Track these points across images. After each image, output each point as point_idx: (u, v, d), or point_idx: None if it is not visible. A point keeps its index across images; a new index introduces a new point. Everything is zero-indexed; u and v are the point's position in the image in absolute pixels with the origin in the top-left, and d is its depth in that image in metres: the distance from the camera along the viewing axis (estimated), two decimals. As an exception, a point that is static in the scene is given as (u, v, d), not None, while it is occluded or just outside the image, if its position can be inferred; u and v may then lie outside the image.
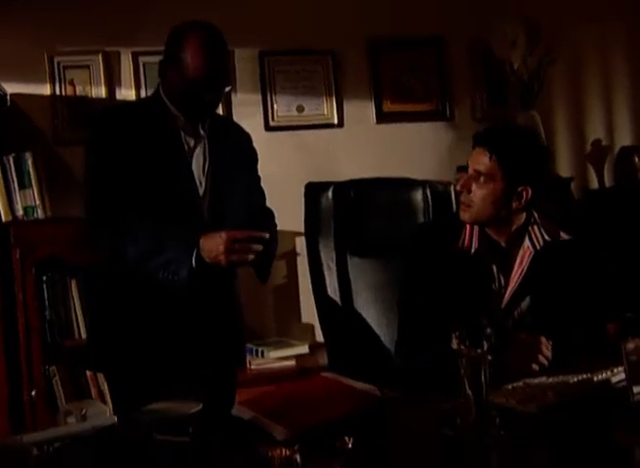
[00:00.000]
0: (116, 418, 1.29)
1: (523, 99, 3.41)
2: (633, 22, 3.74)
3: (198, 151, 1.90)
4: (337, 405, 1.39)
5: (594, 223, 3.06)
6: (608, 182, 3.74)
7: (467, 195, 1.84)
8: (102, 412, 1.31)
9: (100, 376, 2.47)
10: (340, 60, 3.46)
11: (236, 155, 1.98)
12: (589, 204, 3.56)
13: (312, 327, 3.29)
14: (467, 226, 1.88)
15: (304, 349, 3.08)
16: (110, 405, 2.23)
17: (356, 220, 2.22)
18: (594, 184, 3.75)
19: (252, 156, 2.07)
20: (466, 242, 1.87)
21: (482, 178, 1.81)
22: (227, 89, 1.92)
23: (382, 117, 3.49)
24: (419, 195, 2.30)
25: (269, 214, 2.07)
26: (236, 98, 3.32)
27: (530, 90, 3.38)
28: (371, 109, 3.49)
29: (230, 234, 1.72)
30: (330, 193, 2.21)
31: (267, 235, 1.77)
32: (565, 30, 3.54)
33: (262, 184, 2.12)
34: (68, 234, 2.63)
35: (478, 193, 1.82)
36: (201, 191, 1.88)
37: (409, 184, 2.33)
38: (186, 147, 1.88)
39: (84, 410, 1.27)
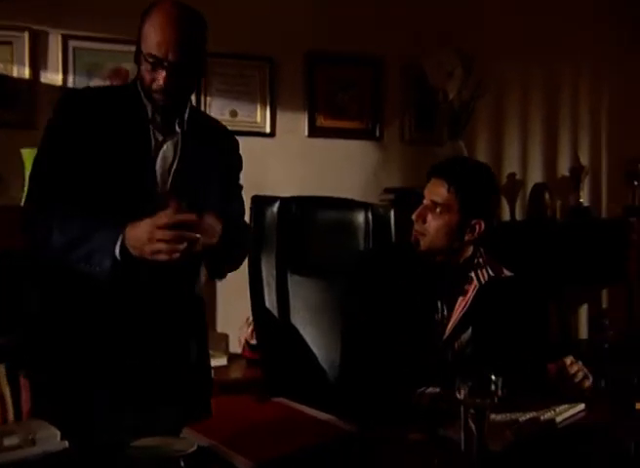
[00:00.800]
0: (67, 443, 1.19)
1: (451, 129, 3.50)
2: (552, 62, 3.94)
3: (167, 147, 1.76)
4: (300, 435, 1.35)
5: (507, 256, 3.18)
6: (519, 216, 3.90)
7: (422, 225, 1.86)
8: (52, 436, 1.19)
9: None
10: (278, 69, 3.41)
11: (216, 159, 1.85)
12: (500, 235, 3.70)
13: (227, 337, 3.23)
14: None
15: (223, 361, 2.99)
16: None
17: (299, 238, 2.19)
18: (506, 216, 3.90)
19: (234, 162, 1.96)
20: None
21: (438, 209, 1.84)
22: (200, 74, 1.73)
23: (315, 131, 3.47)
24: (360, 217, 2.30)
25: (245, 227, 1.96)
26: (168, 96, 3.20)
27: (458, 120, 3.48)
28: (304, 122, 3.46)
29: (157, 219, 1.50)
30: (275, 208, 2.17)
31: (200, 220, 1.54)
32: (492, 65, 3.67)
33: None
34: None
35: (433, 224, 1.85)
36: (162, 189, 1.73)
37: (352, 206, 2.32)
38: (153, 142, 1.74)
39: (31, 434, 1.16)
